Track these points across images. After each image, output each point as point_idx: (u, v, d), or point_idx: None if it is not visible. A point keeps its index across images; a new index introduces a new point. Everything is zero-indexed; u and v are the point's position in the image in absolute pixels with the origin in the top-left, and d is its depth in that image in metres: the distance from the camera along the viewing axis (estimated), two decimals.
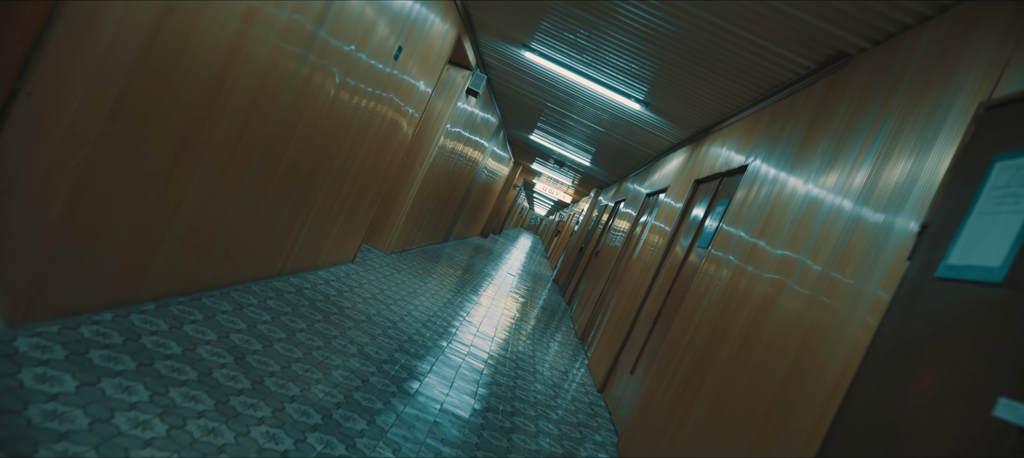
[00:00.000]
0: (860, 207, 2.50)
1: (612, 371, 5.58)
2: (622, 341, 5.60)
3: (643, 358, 4.78)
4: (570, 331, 8.63)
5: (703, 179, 5.48)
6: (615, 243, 8.98)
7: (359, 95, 4.31)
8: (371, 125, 4.85)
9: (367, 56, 4.11)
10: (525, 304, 9.12)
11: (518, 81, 8.00)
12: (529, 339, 6.57)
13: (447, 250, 11.27)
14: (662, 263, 5.61)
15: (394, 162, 6.05)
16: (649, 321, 5.09)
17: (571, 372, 5.98)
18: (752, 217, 3.67)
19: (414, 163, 7.60)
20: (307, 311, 4.04)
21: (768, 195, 3.60)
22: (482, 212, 17.65)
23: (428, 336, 4.81)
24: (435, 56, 5.73)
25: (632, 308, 5.80)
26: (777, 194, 3.47)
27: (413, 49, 5.00)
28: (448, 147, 8.37)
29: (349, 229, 5.64)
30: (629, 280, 6.61)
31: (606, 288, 8.03)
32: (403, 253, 8.34)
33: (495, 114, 11.11)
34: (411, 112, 5.79)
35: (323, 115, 3.87)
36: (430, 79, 5.94)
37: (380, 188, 6.03)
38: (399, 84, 5.05)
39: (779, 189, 3.48)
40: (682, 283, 4.69)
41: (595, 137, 9.38)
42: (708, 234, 4.58)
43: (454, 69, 7.56)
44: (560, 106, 8.33)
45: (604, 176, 13.29)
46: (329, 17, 3.35)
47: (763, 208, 3.58)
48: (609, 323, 6.57)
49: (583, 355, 7.20)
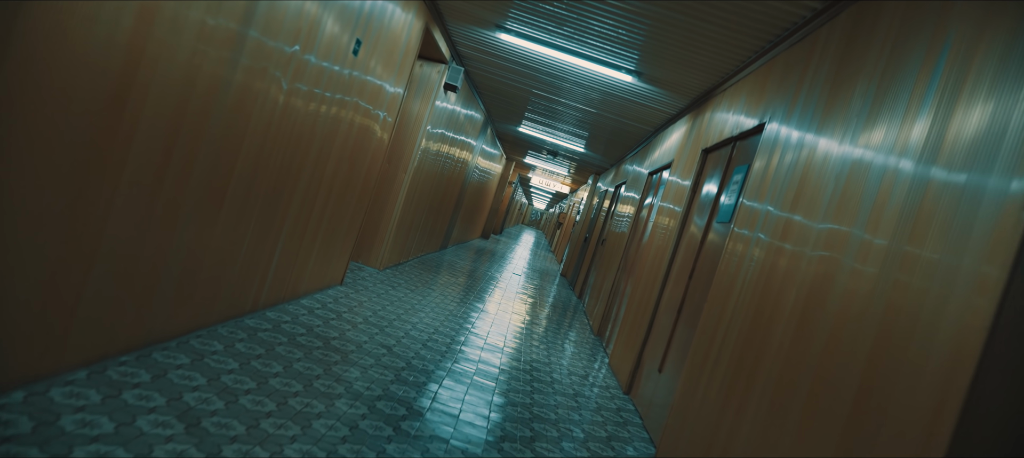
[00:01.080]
0: (926, 167, 1.99)
1: (637, 369, 5.07)
2: (644, 335, 5.08)
3: (671, 352, 4.27)
4: (585, 327, 8.12)
5: (712, 147, 4.96)
6: (621, 229, 8.47)
7: (317, 101, 3.81)
8: (337, 133, 4.34)
9: (317, 58, 3.60)
10: (534, 304, 8.61)
11: (498, 69, 7.48)
12: (542, 343, 6.06)
13: (447, 257, 10.76)
14: (677, 246, 5.09)
15: (372, 171, 5.54)
16: (672, 310, 4.58)
17: (591, 374, 5.47)
18: (779, 189, 3.16)
19: (397, 170, 7.09)
20: (285, 349, 3.53)
21: (794, 162, 3.09)
22: (479, 213, 17.15)
23: (429, 358, 4.30)
24: (401, 52, 5.22)
25: (650, 297, 5.29)
26: (806, 160, 2.95)
27: (374, 46, 4.49)
28: (432, 150, 7.87)
29: (331, 249, 5.13)
30: (642, 267, 6.09)
31: (618, 277, 7.52)
32: (399, 267, 7.83)
33: (479, 110, 10.60)
34: (383, 116, 5.28)
35: (275, 125, 3.36)
36: (399, 78, 5.43)
37: (361, 200, 5.52)
38: (363, 87, 4.54)
39: (808, 154, 2.96)
40: (704, 266, 4.18)
41: (587, 120, 8.87)
42: (727, 209, 4.07)
43: (427, 65, 7.04)
44: (546, 91, 7.81)
45: (600, 161, 12.78)
46: (257, 16, 2.84)
47: (790, 178, 3.06)
48: (627, 315, 6.06)
49: (602, 353, 6.69)
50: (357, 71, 4.31)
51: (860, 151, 2.47)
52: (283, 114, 3.41)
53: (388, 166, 7.12)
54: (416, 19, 5.32)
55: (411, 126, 7.07)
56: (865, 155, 2.42)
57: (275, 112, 3.31)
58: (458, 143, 9.62)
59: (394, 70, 5.16)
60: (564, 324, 7.77)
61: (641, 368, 4.97)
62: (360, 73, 4.39)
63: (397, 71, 5.25)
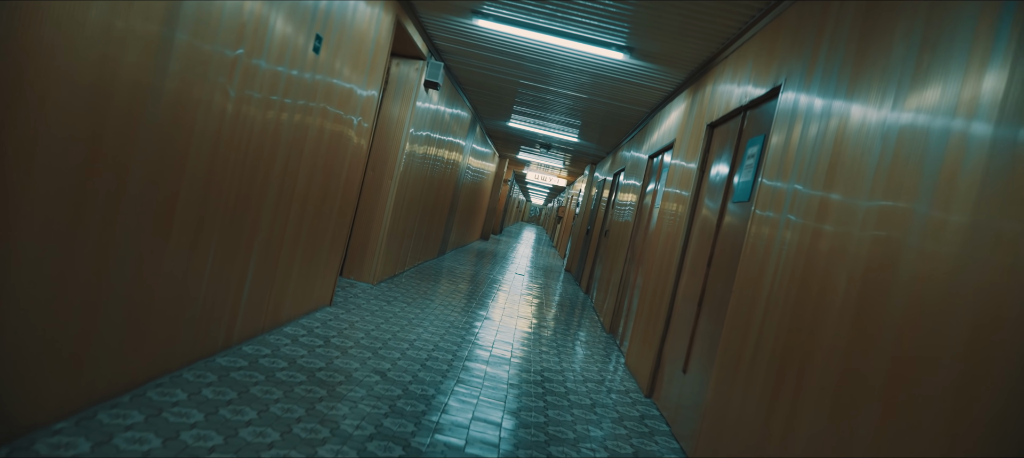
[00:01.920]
0: (1013, 129, 1.57)
1: (658, 370, 4.65)
2: (662, 330, 4.66)
3: (696, 349, 3.85)
4: (595, 324, 7.70)
5: (718, 121, 4.54)
6: (624, 218, 8.05)
7: (276, 109, 3.38)
8: (305, 142, 3.92)
9: (270, 62, 3.18)
10: (540, 304, 8.19)
11: (481, 61, 7.06)
12: (552, 347, 5.64)
13: (446, 263, 10.35)
14: (689, 232, 4.67)
15: (352, 180, 5.12)
16: (691, 302, 4.15)
17: (608, 378, 5.05)
18: (807, 166, 2.73)
19: (382, 177, 6.67)
20: (262, 390, 3.11)
21: (821, 135, 2.67)
22: (477, 214, 16.73)
23: (429, 381, 3.89)
24: (371, 50, 4.79)
25: (664, 289, 4.87)
26: (838, 131, 2.53)
27: (337, 46, 4.07)
28: (418, 153, 7.44)
29: (314, 267, 4.71)
30: (652, 257, 5.67)
31: (626, 269, 7.10)
32: (394, 279, 7.41)
33: (465, 107, 10.18)
34: (357, 121, 4.85)
35: (226, 136, 2.94)
36: (372, 80, 5.00)
37: (343, 212, 5.10)
38: (330, 91, 4.12)
39: (838, 124, 2.54)
40: (724, 252, 3.76)
41: (578, 108, 8.44)
42: (743, 187, 3.65)
43: (404, 63, 6.62)
44: (533, 79, 7.39)
45: (595, 150, 12.35)
46: (183, 18, 2.42)
47: (819, 152, 2.64)
48: (640, 309, 5.64)
49: (616, 351, 6.27)
50: (321, 75, 3.89)
51: (909, 116, 2.05)
52: (235, 124, 2.99)
53: (372, 173, 6.70)
54: (384, 13, 4.90)
55: (392, 130, 6.65)
56: (917, 120, 2.00)
57: (223, 122, 2.89)
58: (446, 144, 9.20)
59: (364, 71, 4.73)
60: (573, 324, 7.35)
61: (662, 368, 4.55)
62: (325, 76, 3.97)
63: (368, 72, 4.83)
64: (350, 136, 4.76)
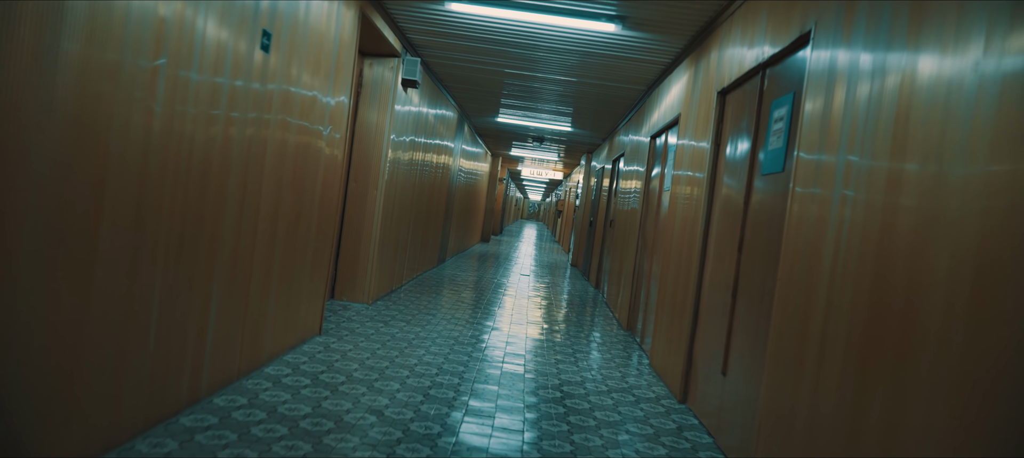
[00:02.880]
0: None
1: (689, 371, 4.15)
2: (690, 326, 4.16)
3: (736, 347, 3.34)
4: (610, 321, 7.20)
5: (731, 86, 4.03)
6: (630, 206, 7.54)
7: (219, 124, 2.89)
8: (264, 158, 3.42)
9: (202, 73, 2.68)
10: (549, 306, 7.69)
11: (461, 52, 6.55)
12: (568, 353, 5.14)
13: (447, 272, 9.84)
14: (710, 215, 4.16)
15: (330, 195, 4.62)
16: (723, 292, 3.65)
17: (633, 383, 4.55)
18: (862, 134, 2.20)
19: (367, 187, 6.17)
20: (233, 453, 2.61)
21: (878, 95, 2.13)
22: (474, 217, 16.24)
23: (433, 415, 3.39)
24: (333, 51, 4.29)
25: (687, 278, 4.36)
26: (900, 90, 2.01)
27: (291, 49, 3.57)
28: (404, 159, 6.94)
29: (296, 294, 4.21)
30: (667, 244, 5.17)
31: (639, 259, 6.60)
32: (391, 295, 6.91)
33: (450, 106, 9.67)
34: (326, 132, 4.35)
35: (156, 158, 2.44)
36: (339, 84, 4.49)
37: (323, 230, 4.60)
38: (287, 100, 3.62)
39: (900, 82, 2.02)
40: (757, 234, 3.25)
41: (569, 93, 7.94)
42: (774, 157, 3.15)
43: (378, 63, 6.11)
44: (519, 67, 6.88)
45: (590, 137, 11.84)
46: (71, 23, 1.92)
47: (877, 117, 2.12)
48: (661, 302, 5.14)
49: (638, 351, 5.77)
50: (274, 83, 3.39)
51: (1011, 61, 1.54)
52: (166, 143, 2.49)
53: (355, 184, 6.19)
54: (345, 7, 4.39)
55: (372, 138, 6.15)
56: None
57: (150, 142, 2.39)
58: (433, 147, 8.70)
59: (328, 76, 4.23)
60: (587, 323, 6.85)
61: (694, 368, 4.04)
62: (280, 84, 3.46)
63: (333, 77, 4.32)
64: (320, 148, 4.25)
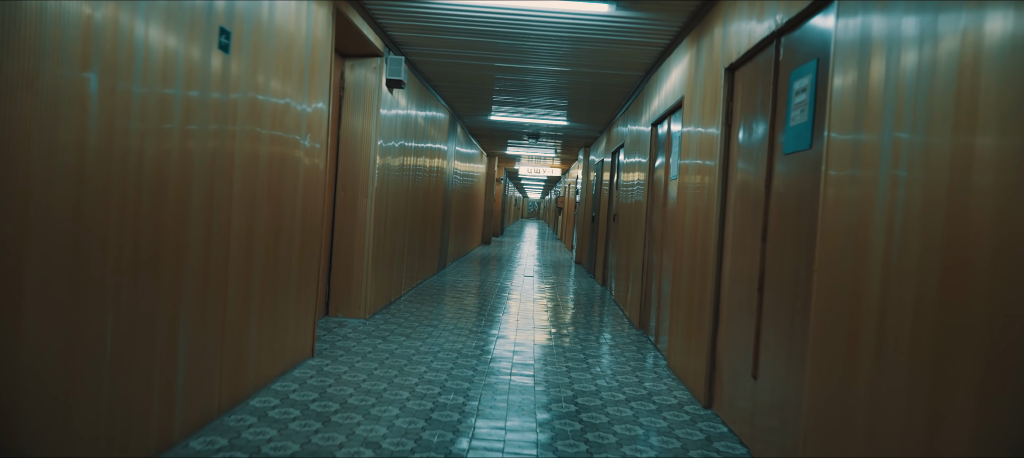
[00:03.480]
0: None
1: (714, 373, 3.82)
2: (711, 323, 3.83)
3: (767, 345, 3.01)
4: (620, 320, 6.87)
5: (740, 61, 3.70)
6: (634, 199, 7.21)
7: (174, 138, 2.56)
8: (230, 172, 3.10)
9: (147, 85, 2.37)
10: (556, 307, 7.36)
11: (447, 47, 6.22)
12: (579, 358, 4.82)
13: (448, 278, 9.51)
14: (726, 203, 3.84)
15: (312, 206, 4.29)
16: (747, 285, 3.32)
17: (651, 388, 4.22)
18: (912, 108, 1.86)
19: (356, 196, 5.85)
20: None
21: (930, 63, 1.81)
22: (473, 220, 15.92)
23: (435, 444, 3.06)
24: (305, 53, 3.97)
25: (704, 272, 4.04)
26: (963, 51, 1.68)
27: (255, 53, 3.25)
28: (394, 165, 6.61)
29: (282, 315, 3.89)
30: (679, 236, 4.84)
31: (647, 253, 6.27)
32: (390, 307, 6.58)
33: (441, 107, 9.35)
34: (305, 142, 4.03)
35: (94, 178, 2.11)
36: (314, 89, 4.17)
37: (308, 243, 4.27)
38: (255, 109, 3.29)
39: (959, 44, 1.69)
40: (784, 220, 2.92)
41: (562, 85, 7.61)
42: (798, 133, 2.82)
43: (359, 65, 5.79)
44: (509, 60, 6.55)
45: (587, 131, 11.51)
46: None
47: (931, 87, 1.79)
48: (675, 298, 4.81)
49: (653, 351, 5.45)
50: (238, 92, 3.06)
51: None
52: (107, 162, 2.17)
53: (344, 193, 5.87)
54: (317, 5, 4.07)
55: (358, 145, 5.82)
56: None
57: (85, 161, 2.06)
58: (426, 151, 8.37)
59: (301, 81, 3.90)
60: (596, 324, 6.52)
61: (719, 370, 3.72)
62: (246, 93, 3.14)
63: (307, 82, 3.99)
64: (298, 158, 3.93)
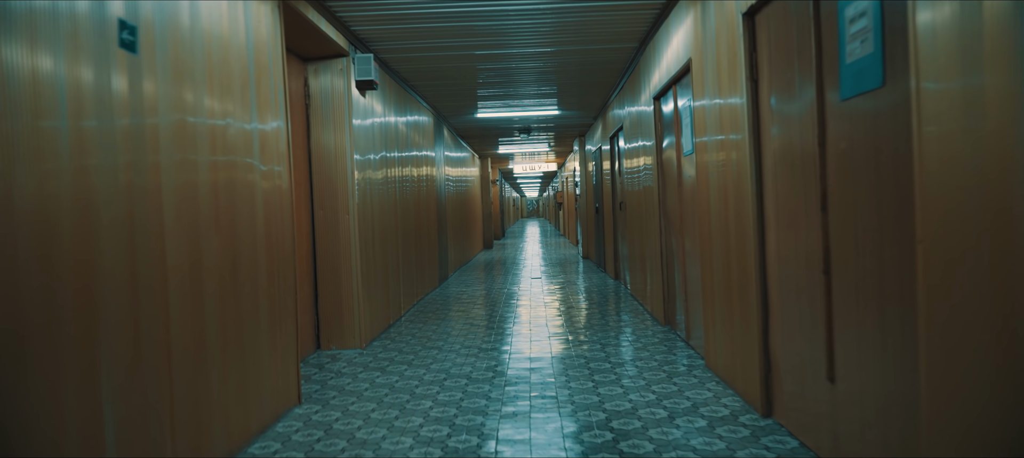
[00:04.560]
0: None
1: (769, 373, 3.23)
2: (759, 315, 3.24)
3: (844, 340, 2.42)
4: (642, 316, 6.29)
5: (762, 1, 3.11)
6: (643, 184, 6.62)
7: (62, 178, 1.97)
8: (159, 209, 2.51)
9: (12, 118, 1.77)
10: (570, 309, 6.77)
11: (421, 38, 5.64)
12: (606, 369, 4.23)
13: (451, 290, 8.92)
14: (761, 172, 3.24)
15: (278, 234, 3.70)
16: (807, 268, 2.72)
17: (693, 395, 3.64)
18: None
19: (337, 214, 5.27)
20: None
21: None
22: (472, 225, 15.33)
23: None
24: (247, 61, 3.37)
25: (743, 255, 3.44)
26: None
27: (177, 69, 2.65)
28: (377, 178, 6.02)
29: (254, 361, 3.30)
30: (703, 218, 4.25)
31: (665, 241, 5.68)
32: (389, 331, 5.99)
33: (423, 110, 8.77)
34: (258, 163, 3.43)
35: None
36: (264, 104, 3.57)
37: (279, 275, 3.68)
38: (181, 134, 2.68)
39: None
40: (855, 182, 2.32)
41: (549, 69, 7.02)
42: (859, 72, 2.23)
43: (323, 69, 5.19)
44: (489, 45, 5.97)
45: (579, 118, 10.92)
46: None
47: None
48: (707, 289, 4.22)
49: (685, 349, 4.86)
50: (156, 117, 2.47)
51: None
52: None
53: (322, 212, 5.29)
54: (256, 4, 3.48)
55: (332, 161, 5.24)
56: None
57: None
58: (412, 160, 7.79)
59: (245, 95, 3.31)
60: (616, 324, 5.93)
61: (776, 370, 3.13)
62: (170, 117, 2.56)
63: (254, 95, 3.40)
64: (252, 182, 3.34)
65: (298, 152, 5.01)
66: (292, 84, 4.89)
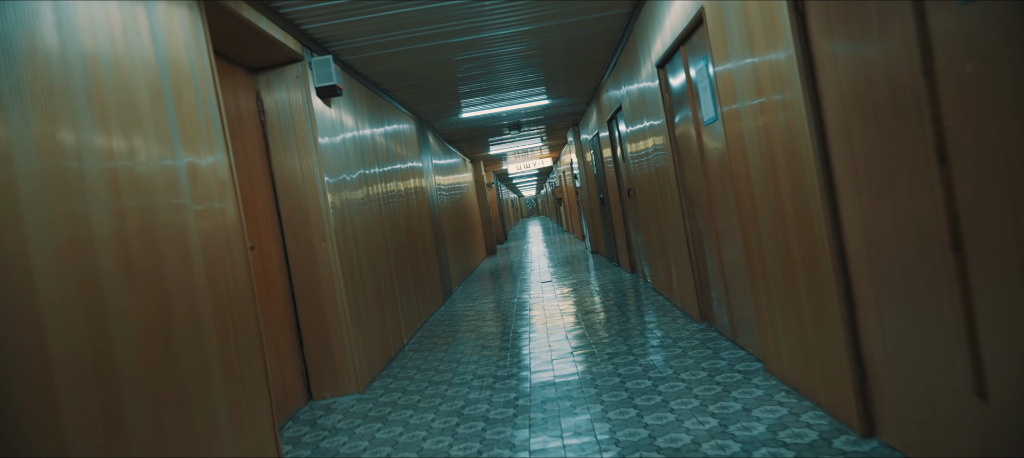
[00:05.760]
0: None
1: (865, 381, 2.54)
2: (841, 306, 2.55)
3: (993, 340, 1.72)
4: (672, 313, 5.60)
5: None
6: (655, 166, 5.92)
7: None
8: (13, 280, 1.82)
9: None
10: (589, 314, 6.08)
11: (386, 30, 4.95)
12: (646, 387, 3.54)
13: (456, 307, 8.22)
14: (823, 123, 2.55)
15: (228, 280, 3.00)
16: (919, 244, 2.03)
17: (766, 416, 2.95)
18: None
19: (312, 241, 4.59)
20: None
21: None
22: (472, 233, 14.64)
23: None
24: (160, 80, 2.68)
25: (807, 232, 2.75)
26: None
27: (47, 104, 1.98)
28: (357, 198, 5.33)
29: (207, 441, 2.61)
30: (740, 195, 3.55)
31: (690, 225, 4.98)
32: (391, 366, 5.30)
33: (402, 116, 8.08)
34: (190, 203, 2.74)
35: None
36: (191, 131, 2.87)
37: (236, 329, 2.99)
38: (60, 183, 2.00)
39: None
40: (994, 119, 1.63)
41: (531, 52, 6.33)
42: None
43: (276, 79, 4.51)
44: (465, 30, 5.29)
45: (571, 105, 10.23)
46: None
47: None
48: (756, 274, 3.52)
49: (733, 351, 4.17)
50: (15, 169, 1.78)
51: None
52: None
53: (296, 242, 4.60)
54: (167, 4, 2.79)
55: (299, 185, 4.55)
56: None
57: None
58: (396, 173, 7.10)
59: (160, 122, 2.62)
60: (644, 327, 5.24)
61: (874, 375, 2.44)
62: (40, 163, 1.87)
63: (173, 121, 2.71)
64: (183, 224, 2.64)
65: (258, 178, 4.33)
66: (240, 101, 4.20)
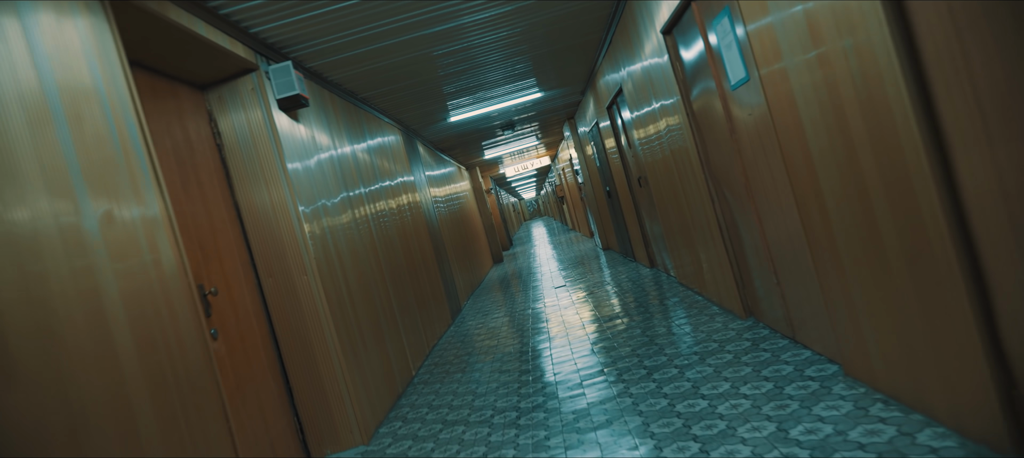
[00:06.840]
0: None
1: (1012, 390, 1.91)
2: (970, 296, 1.93)
3: None
4: (708, 311, 4.98)
5: None
6: (671, 147, 5.29)
7: None
8: None
9: None
10: (613, 319, 5.46)
11: (350, 23, 4.36)
12: (702, 410, 2.93)
13: (467, 325, 7.59)
14: (923, 74, 1.93)
15: (169, 343, 2.38)
16: None
17: (870, 439, 2.33)
18: None
19: (292, 276, 3.98)
20: None
21: None
22: (476, 243, 14.02)
23: None
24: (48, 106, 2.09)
25: (902, 202, 2.13)
26: None
27: None
28: (340, 223, 4.72)
29: None
30: (794, 161, 2.92)
31: (721, 206, 4.35)
32: (399, 406, 4.68)
33: (387, 127, 7.48)
34: (104, 263, 2.13)
35: None
36: (109, 169, 2.28)
37: (185, 402, 2.38)
38: None
39: None
40: None
41: (515, 38, 5.73)
42: None
43: (229, 95, 3.91)
44: (438, 18, 4.69)
45: (564, 96, 9.61)
46: None
47: None
48: (820, 255, 2.88)
49: (797, 352, 3.55)
50: None
51: None
52: None
53: (272, 280, 3.99)
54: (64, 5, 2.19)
55: (270, 217, 3.94)
56: None
57: None
58: (384, 191, 6.49)
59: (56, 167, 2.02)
60: (680, 330, 4.62)
61: None
62: None
63: (75, 161, 2.11)
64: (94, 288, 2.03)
65: (219, 212, 3.72)
66: (189, 124, 3.60)
